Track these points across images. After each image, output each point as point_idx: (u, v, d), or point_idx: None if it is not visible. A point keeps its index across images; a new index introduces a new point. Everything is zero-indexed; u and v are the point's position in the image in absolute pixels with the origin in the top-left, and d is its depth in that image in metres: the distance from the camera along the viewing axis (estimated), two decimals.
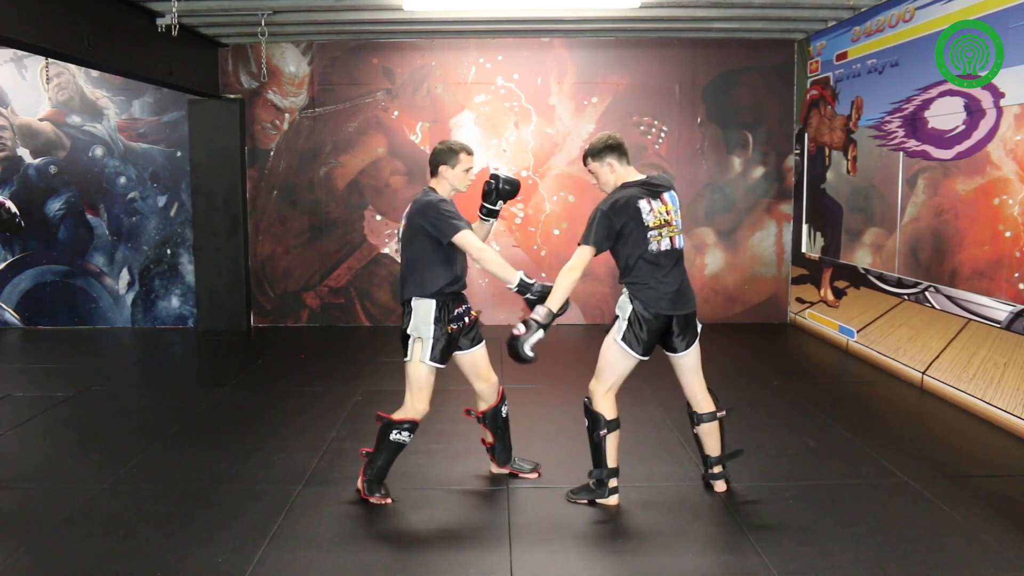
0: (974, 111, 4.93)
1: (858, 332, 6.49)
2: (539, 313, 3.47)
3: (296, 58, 7.75)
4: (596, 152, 3.60)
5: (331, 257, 7.93)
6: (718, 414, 3.72)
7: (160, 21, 6.08)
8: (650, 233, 3.48)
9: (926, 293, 5.51)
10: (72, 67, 7.66)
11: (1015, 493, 3.78)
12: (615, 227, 3.46)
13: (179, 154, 7.81)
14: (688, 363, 3.66)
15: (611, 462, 3.61)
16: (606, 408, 3.59)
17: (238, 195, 7.73)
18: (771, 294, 7.99)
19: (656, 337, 3.55)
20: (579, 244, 3.52)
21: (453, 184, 3.74)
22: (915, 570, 3.06)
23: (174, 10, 5.90)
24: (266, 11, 6.33)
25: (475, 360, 3.85)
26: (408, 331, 3.64)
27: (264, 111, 7.81)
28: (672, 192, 3.60)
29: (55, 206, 7.86)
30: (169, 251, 7.94)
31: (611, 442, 3.60)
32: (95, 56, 5.41)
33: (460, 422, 4.85)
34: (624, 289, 3.61)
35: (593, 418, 3.59)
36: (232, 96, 7.72)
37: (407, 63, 7.76)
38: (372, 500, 3.68)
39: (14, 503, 3.77)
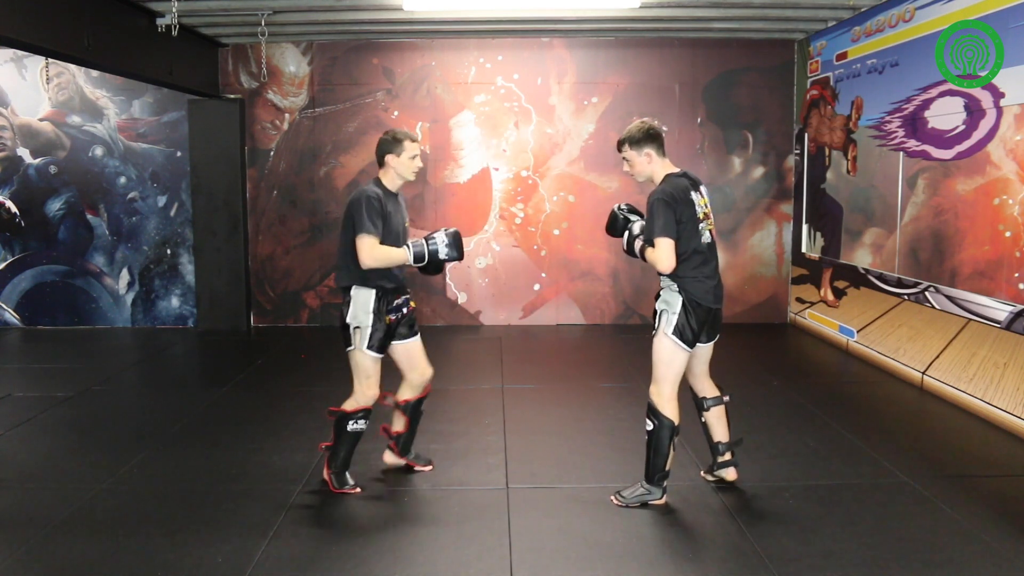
0: (974, 111, 4.93)
1: (858, 332, 6.49)
2: (638, 242, 3.59)
3: (296, 58, 7.75)
4: (636, 141, 3.55)
5: (331, 257, 7.93)
6: (724, 398, 3.78)
7: (160, 21, 6.09)
8: (700, 225, 3.50)
9: (926, 293, 5.51)
10: (72, 67, 7.66)
11: (1015, 493, 3.78)
12: (678, 217, 3.44)
13: (179, 154, 7.81)
14: (705, 353, 3.73)
15: (669, 464, 3.61)
16: (673, 412, 3.57)
17: (238, 195, 7.73)
18: (771, 294, 7.99)
19: (701, 329, 3.56)
20: (654, 240, 3.42)
21: (400, 172, 3.74)
22: (915, 570, 3.06)
23: (174, 10, 5.90)
24: (266, 11, 6.33)
25: (410, 350, 3.89)
26: (348, 320, 3.69)
27: (264, 111, 7.82)
28: (703, 187, 3.64)
29: (55, 206, 7.86)
30: (169, 251, 7.94)
31: (671, 447, 3.60)
32: (95, 56, 5.41)
33: (460, 422, 4.86)
34: (665, 283, 3.57)
35: (660, 422, 3.55)
36: (232, 96, 7.72)
37: (407, 63, 7.76)
38: (344, 491, 3.78)
39: (14, 503, 3.77)
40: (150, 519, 3.56)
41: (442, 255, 3.67)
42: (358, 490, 3.81)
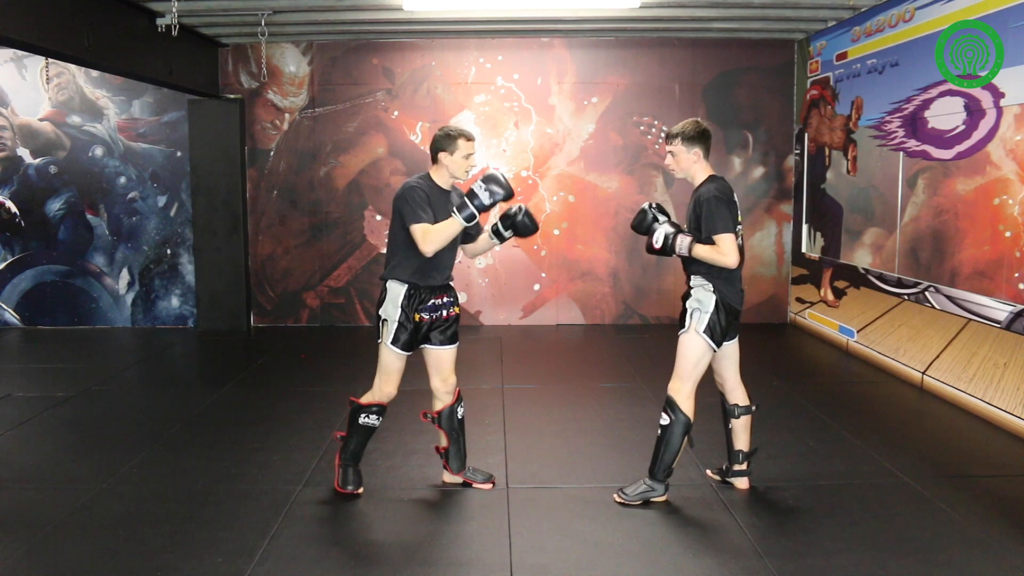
0: (974, 111, 4.93)
1: (858, 332, 6.49)
2: (683, 239, 3.52)
3: (296, 58, 7.75)
4: (689, 137, 3.56)
5: (331, 257, 7.93)
6: (752, 408, 3.79)
7: (160, 21, 6.08)
8: (738, 227, 3.53)
9: (926, 293, 5.51)
10: (72, 67, 7.66)
11: (1015, 493, 3.78)
12: (730, 214, 3.46)
13: (179, 154, 7.81)
14: (731, 352, 3.74)
15: (676, 463, 3.63)
16: (691, 409, 3.58)
17: (238, 195, 7.73)
18: (771, 294, 7.99)
19: (728, 328, 3.59)
20: (717, 236, 3.43)
21: (452, 171, 3.64)
22: (915, 570, 3.06)
23: (174, 10, 5.90)
24: (266, 11, 6.33)
25: (440, 358, 3.78)
26: (379, 312, 3.66)
27: (264, 111, 7.81)
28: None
29: (55, 206, 7.86)
30: (169, 251, 7.94)
31: (683, 445, 3.61)
32: (95, 56, 5.40)
33: None
34: (698, 282, 3.58)
35: (676, 417, 3.56)
36: (232, 96, 7.72)
37: (407, 63, 7.76)
38: (345, 491, 3.75)
39: (14, 503, 3.77)
40: (150, 519, 3.56)
41: (485, 200, 3.47)
42: (360, 491, 3.79)
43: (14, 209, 7.85)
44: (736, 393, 3.78)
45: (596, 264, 7.92)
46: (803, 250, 7.62)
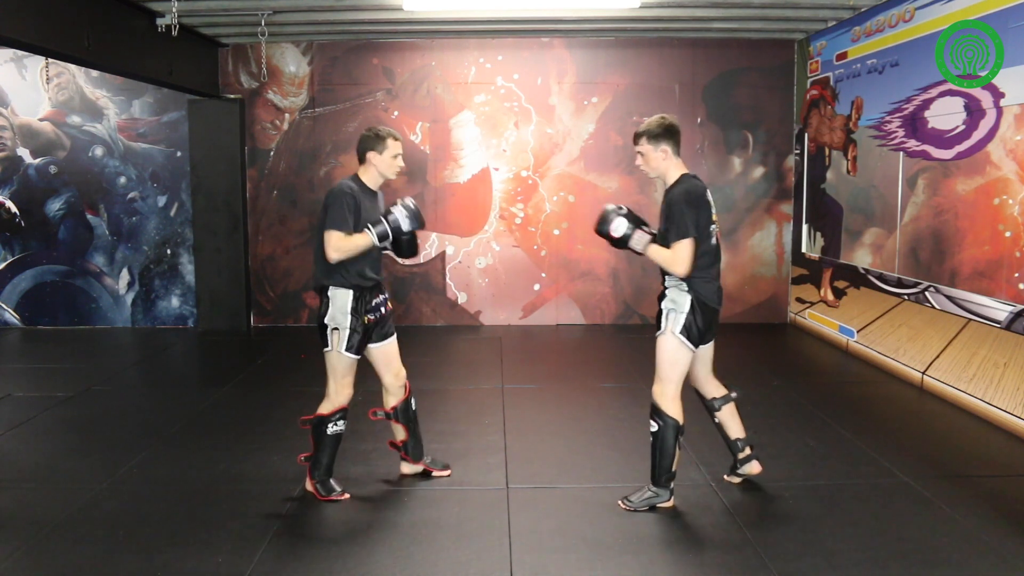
0: (974, 111, 4.93)
1: (858, 332, 6.49)
2: (641, 235, 3.49)
3: (296, 58, 7.75)
4: (654, 135, 3.50)
5: None
6: (732, 395, 3.78)
7: (160, 21, 6.08)
8: (712, 227, 3.50)
9: (926, 293, 5.51)
10: (72, 67, 7.66)
11: (1015, 493, 3.78)
12: (698, 219, 3.42)
13: (179, 154, 7.81)
14: (706, 354, 3.73)
15: (675, 465, 3.60)
16: (677, 412, 3.55)
17: (238, 195, 7.73)
18: (771, 294, 7.99)
19: (707, 329, 3.55)
20: (675, 241, 3.40)
21: (381, 171, 3.69)
22: (915, 570, 3.06)
23: (174, 10, 5.90)
24: (266, 11, 6.33)
25: (387, 353, 3.85)
26: (325, 321, 3.67)
27: (264, 111, 7.81)
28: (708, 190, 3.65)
29: (55, 206, 7.86)
30: (169, 251, 7.94)
31: (677, 447, 3.59)
32: (95, 56, 5.40)
33: (460, 422, 4.86)
34: (672, 282, 3.54)
35: (665, 422, 3.53)
36: (232, 96, 7.72)
37: (407, 63, 7.76)
38: (330, 499, 3.70)
39: (14, 503, 3.77)
40: (150, 519, 3.56)
41: (405, 228, 3.61)
42: (346, 496, 3.74)
43: (14, 209, 7.85)
44: (710, 387, 3.78)
45: (596, 264, 7.92)
46: (803, 250, 7.62)
